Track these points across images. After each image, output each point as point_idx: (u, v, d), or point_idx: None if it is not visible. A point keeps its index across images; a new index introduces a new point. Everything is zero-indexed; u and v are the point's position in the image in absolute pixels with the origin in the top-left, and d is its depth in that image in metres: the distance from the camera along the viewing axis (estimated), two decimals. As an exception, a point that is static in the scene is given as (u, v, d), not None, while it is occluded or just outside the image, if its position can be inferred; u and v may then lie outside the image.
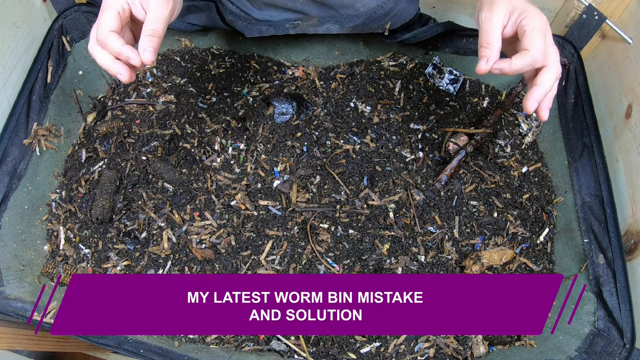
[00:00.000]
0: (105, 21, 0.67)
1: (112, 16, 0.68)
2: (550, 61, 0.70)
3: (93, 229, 0.96)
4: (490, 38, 0.70)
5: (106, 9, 0.68)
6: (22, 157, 0.97)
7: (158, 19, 0.69)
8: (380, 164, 1.02)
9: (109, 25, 0.67)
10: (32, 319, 0.83)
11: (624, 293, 0.84)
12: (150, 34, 0.69)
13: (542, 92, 0.69)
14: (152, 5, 0.69)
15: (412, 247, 0.93)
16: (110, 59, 0.69)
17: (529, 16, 0.69)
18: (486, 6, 0.72)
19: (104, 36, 0.67)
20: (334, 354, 0.85)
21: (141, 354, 0.80)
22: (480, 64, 0.70)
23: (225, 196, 0.98)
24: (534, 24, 0.69)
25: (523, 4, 0.71)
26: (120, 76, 0.69)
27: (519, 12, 0.70)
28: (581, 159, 0.98)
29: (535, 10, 0.71)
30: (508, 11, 0.71)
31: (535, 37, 0.68)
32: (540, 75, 0.70)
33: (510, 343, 0.90)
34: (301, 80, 1.15)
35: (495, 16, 0.70)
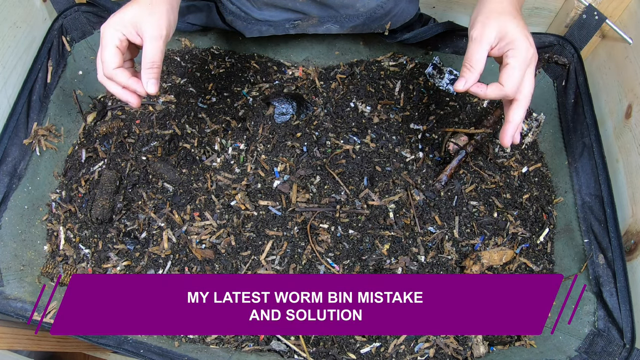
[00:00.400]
0: (108, 59, 0.73)
1: (113, 53, 0.73)
2: (522, 96, 0.74)
3: (93, 229, 0.96)
4: (474, 62, 0.73)
5: (105, 46, 0.73)
6: (22, 157, 0.97)
7: (154, 52, 0.73)
8: (380, 164, 1.02)
9: (112, 63, 0.73)
10: (32, 319, 0.83)
11: (624, 293, 0.84)
12: (149, 67, 0.73)
13: (514, 128, 0.76)
14: (147, 33, 0.73)
15: (412, 247, 0.93)
16: (120, 89, 0.75)
17: (515, 48, 0.71)
18: (479, 25, 0.74)
19: (110, 73, 0.73)
20: (334, 354, 0.85)
21: (141, 354, 0.80)
22: (458, 83, 0.74)
23: (225, 196, 0.98)
24: (519, 58, 0.71)
25: (514, 32, 0.72)
26: (131, 103, 0.76)
27: (507, 40, 0.72)
28: (581, 159, 0.98)
29: (523, 41, 0.71)
30: (498, 36, 0.72)
31: (513, 74, 0.71)
32: (511, 111, 0.75)
33: (510, 343, 0.90)
34: (301, 80, 1.15)
35: (485, 39, 0.72)
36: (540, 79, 1.11)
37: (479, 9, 0.77)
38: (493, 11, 0.74)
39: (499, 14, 0.73)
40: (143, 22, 0.73)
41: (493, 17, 0.73)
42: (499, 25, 0.72)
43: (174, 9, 0.79)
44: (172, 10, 0.78)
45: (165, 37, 0.75)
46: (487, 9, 0.75)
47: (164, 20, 0.74)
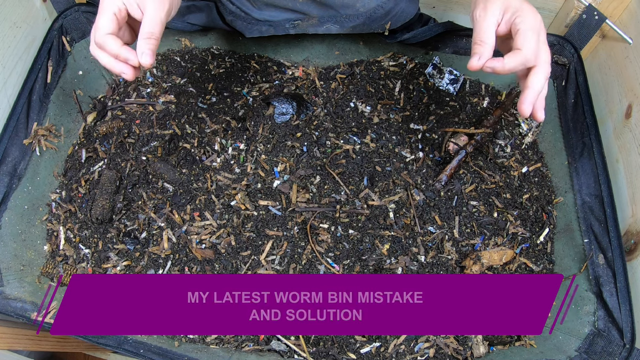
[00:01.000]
0: (102, 24, 0.69)
1: (109, 19, 0.69)
2: (541, 61, 0.70)
3: (93, 229, 0.96)
4: (484, 35, 0.70)
5: (102, 11, 0.69)
6: (22, 157, 0.97)
7: (155, 21, 0.70)
8: (380, 164, 1.02)
9: (105, 28, 0.69)
10: (35, 320, 0.83)
11: (624, 293, 0.84)
12: (147, 37, 0.69)
13: (534, 94, 0.70)
14: (149, 6, 0.70)
15: (412, 247, 0.93)
16: (112, 59, 0.70)
17: (522, 15, 0.69)
18: (481, 4, 0.72)
19: (102, 39, 0.69)
20: (334, 354, 0.85)
21: (141, 354, 0.80)
22: (472, 60, 0.70)
23: (225, 196, 0.98)
24: (528, 23, 0.69)
25: (518, 2, 0.71)
26: (124, 75, 0.71)
27: (513, 10, 0.70)
28: (581, 159, 0.98)
29: (529, 8, 0.70)
30: (502, 9, 0.71)
31: (528, 36, 0.68)
32: (531, 77, 0.70)
33: (510, 343, 0.90)
34: (301, 80, 1.15)
35: (490, 13, 0.70)
36: (540, 79, 1.11)
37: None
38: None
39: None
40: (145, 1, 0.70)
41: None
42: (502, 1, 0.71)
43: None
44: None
45: (167, 12, 0.72)
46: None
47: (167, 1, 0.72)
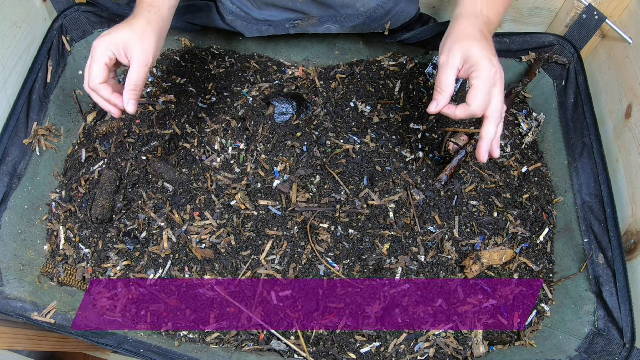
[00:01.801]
0: (95, 74, 0.78)
1: (101, 68, 0.78)
2: (491, 112, 0.77)
3: (93, 229, 0.96)
4: (443, 85, 0.78)
5: (95, 61, 0.78)
6: (22, 157, 0.97)
7: (139, 76, 0.79)
8: (380, 164, 1.02)
9: (98, 79, 0.78)
10: (33, 319, 0.83)
11: (624, 293, 0.84)
12: (132, 89, 0.79)
13: (488, 143, 0.78)
14: (135, 57, 0.79)
15: (412, 247, 0.93)
16: (103, 100, 0.81)
17: (478, 70, 0.75)
18: (446, 50, 0.79)
19: (95, 87, 0.79)
20: (334, 354, 0.85)
21: (141, 354, 0.80)
22: (431, 106, 0.79)
23: (225, 196, 0.98)
24: (481, 80, 0.75)
25: (478, 54, 0.75)
26: (112, 113, 0.83)
27: (471, 62, 0.76)
28: (581, 159, 0.98)
29: (487, 64, 0.75)
30: (462, 59, 0.77)
31: (477, 94, 0.75)
32: (484, 128, 0.78)
33: (510, 343, 0.90)
34: (301, 80, 1.15)
35: (451, 63, 0.77)
36: (540, 79, 1.11)
37: (447, 34, 0.82)
38: (459, 36, 0.79)
39: (464, 39, 0.77)
40: (133, 48, 0.79)
41: (458, 43, 0.77)
42: (463, 50, 0.76)
43: (162, 37, 0.85)
44: (160, 40, 0.84)
45: (150, 65, 0.81)
46: (454, 35, 0.79)
47: (152, 50, 0.80)
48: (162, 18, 0.84)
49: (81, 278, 0.93)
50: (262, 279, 0.91)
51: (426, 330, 0.88)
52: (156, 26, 0.82)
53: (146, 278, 0.92)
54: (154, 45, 0.80)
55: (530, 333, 0.90)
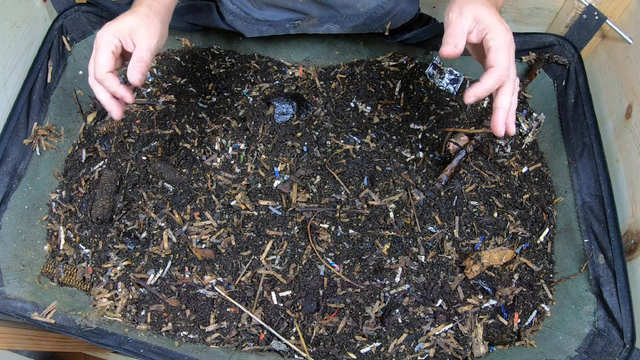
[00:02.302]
0: (102, 62, 0.75)
1: (107, 57, 0.75)
2: (510, 79, 0.73)
3: (93, 229, 0.96)
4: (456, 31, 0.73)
5: (100, 48, 0.75)
6: (22, 157, 0.97)
7: (145, 49, 0.77)
8: (380, 164, 1.02)
9: (105, 67, 0.75)
10: (33, 319, 0.83)
11: (624, 293, 0.84)
12: (137, 61, 0.76)
13: (504, 114, 0.74)
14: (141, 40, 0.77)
15: (412, 247, 0.93)
16: (108, 96, 0.77)
17: (493, 32, 0.72)
18: (456, 10, 0.76)
19: (102, 77, 0.75)
20: (334, 354, 0.85)
21: (141, 354, 0.80)
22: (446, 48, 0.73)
23: (225, 196, 0.98)
24: (499, 40, 0.72)
25: (489, 18, 0.73)
26: (113, 113, 0.78)
27: (484, 24, 0.73)
28: (581, 159, 0.98)
29: (500, 25, 0.73)
30: (474, 19, 0.74)
31: (500, 54, 0.72)
32: (500, 97, 0.74)
33: (510, 343, 0.90)
34: (301, 80, 1.15)
35: (463, 21, 0.74)
36: (540, 79, 1.11)
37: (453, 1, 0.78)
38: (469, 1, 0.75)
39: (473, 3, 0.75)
40: (139, 32, 0.77)
41: (468, 5, 0.75)
42: (474, 11, 0.74)
43: (165, 24, 0.83)
44: (163, 27, 0.82)
45: (154, 51, 0.79)
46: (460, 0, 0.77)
47: (157, 33, 0.79)
48: (163, 5, 0.82)
49: (81, 278, 0.93)
50: (262, 279, 0.91)
51: (426, 330, 0.88)
52: (158, 13, 0.80)
53: (146, 278, 0.92)
54: (158, 29, 0.79)
55: (530, 333, 0.90)
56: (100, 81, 0.76)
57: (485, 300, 0.90)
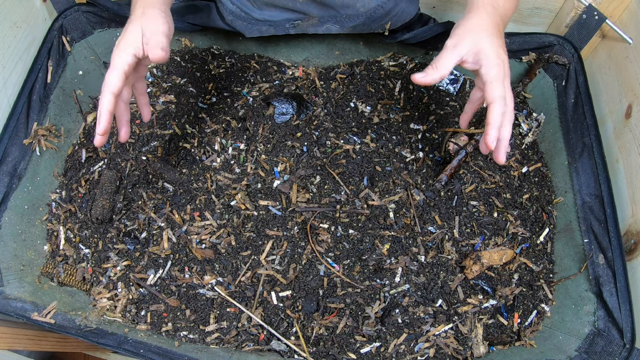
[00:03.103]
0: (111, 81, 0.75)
1: (118, 78, 0.75)
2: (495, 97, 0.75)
3: (93, 229, 0.96)
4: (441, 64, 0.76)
5: (114, 68, 0.75)
6: (22, 157, 0.97)
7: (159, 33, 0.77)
8: (380, 164, 1.02)
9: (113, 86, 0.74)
10: (33, 319, 0.83)
11: (624, 293, 0.84)
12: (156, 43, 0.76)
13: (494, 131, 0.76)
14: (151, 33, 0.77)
15: (412, 247, 0.93)
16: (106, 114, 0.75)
17: (488, 66, 0.75)
18: (456, 36, 0.78)
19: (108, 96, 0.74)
20: (334, 354, 0.85)
21: (141, 354, 0.80)
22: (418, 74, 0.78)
23: (225, 196, 0.98)
24: (492, 75, 0.75)
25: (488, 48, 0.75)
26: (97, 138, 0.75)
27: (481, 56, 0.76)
28: (581, 159, 0.98)
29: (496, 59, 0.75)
30: (472, 52, 0.76)
31: (495, 87, 0.75)
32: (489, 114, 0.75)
33: (510, 343, 0.90)
34: (301, 80, 1.15)
35: (458, 48, 0.76)
36: (540, 79, 1.11)
37: (462, 22, 0.81)
38: (473, 27, 0.78)
39: (478, 31, 0.77)
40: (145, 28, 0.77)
41: (471, 33, 0.77)
42: (473, 42, 0.76)
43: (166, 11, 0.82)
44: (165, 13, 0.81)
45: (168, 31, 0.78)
46: (468, 25, 0.79)
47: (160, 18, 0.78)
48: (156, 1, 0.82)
49: (81, 278, 0.93)
50: (262, 279, 0.91)
51: (426, 330, 0.88)
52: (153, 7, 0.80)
53: (146, 278, 0.92)
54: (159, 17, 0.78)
55: (530, 333, 0.90)
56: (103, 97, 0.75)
57: (485, 300, 0.90)
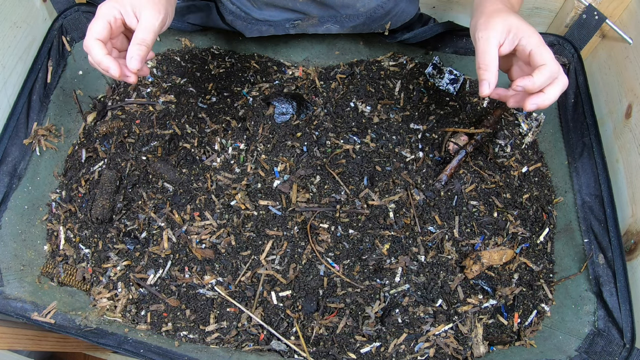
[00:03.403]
0: (94, 29, 0.70)
1: (102, 25, 0.70)
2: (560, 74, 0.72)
3: (93, 229, 0.96)
4: (488, 59, 0.72)
5: (98, 17, 0.71)
6: (22, 157, 0.97)
7: (148, 29, 0.72)
8: (380, 164, 1.02)
9: (96, 33, 0.70)
10: (33, 319, 0.83)
11: (624, 293, 0.84)
12: (139, 43, 0.71)
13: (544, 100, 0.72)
14: (144, 15, 0.72)
15: (412, 247, 0.93)
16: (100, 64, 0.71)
17: (526, 35, 0.71)
18: (482, 25, 0.74)
19: (90, 44, 0.70)
20: (334, 354, 0.85)
21: (141, 354, 0.80)
22: (483, 88, 0.72)
23: (225, 196, 0.98)
24: (535, 42, 0.71)
25: (517, 22, 0.72)
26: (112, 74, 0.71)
27: (515, 30, 0.72)
28: (581, 159, 0.98)
29: (530, 28, 0.72)
30: (505, 30, 0.72)
31: (544, 52, 0.70)
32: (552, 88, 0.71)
33: (510, 343, 0.90)
34: (301, 80, 1.15)
35: (492, 35, 0.72)
36: (540, 79, 1.11)
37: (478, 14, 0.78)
38: (493, 12, 0.75)
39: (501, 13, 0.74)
40: (143, 6, 0.72)
41: (495, 17, 0.74)
42: (503, 21, 0.73)
43: (172, 3, 0.79)
44: (170, 4, 0.78)
45: (161, 21, 0.73)
46: (487, 12, 0.76)
47: (163, 7, 0.74)
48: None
49: (81, 278, 0.93)
50: (262, 279, 0.91)
51: (426, 330, 0.88)
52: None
53: (146, 278, 0.92)
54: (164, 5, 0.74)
55: (530, 333, 0.90)
56: (87, 49, 0.70)
57: (485, 300, 0.90)
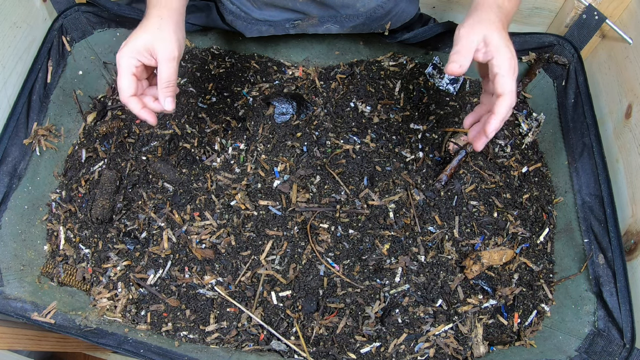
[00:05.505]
0: (123, 87, 0.77)
1: (128, 81, 0.77)
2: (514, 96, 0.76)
3: (93, 229, 0.96)
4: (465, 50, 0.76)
5: (121, 73, 0.77)
6: (22, 157, 0.97)
7: (169, 72, 0.77)
8: (380, 164, 1.02)
9: (127, 91, 0.77)
10: (33, 319, 0.83)
11: (624, 293, 0.84)
12: (165, 87, 0.77)
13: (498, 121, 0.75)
14: (160, 51, 0.77)
15: (412, 247, 0.93)
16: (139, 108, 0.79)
17: (499, 57, 0.74)
18: (468, 25, 0.78)
19: (125, 101, 0.78)
20: (334, 354, 0.85)
21: (141, 354, 0.80)
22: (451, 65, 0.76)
23: (225, 196, 0.98)
24: (505, 68, 0.74)
25: (498, 41, 0.75)
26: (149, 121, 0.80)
27: (492, 47, 0.75)
28: (581, 159, 0.98)
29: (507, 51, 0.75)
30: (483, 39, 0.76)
31: (507, 81, 0.74)
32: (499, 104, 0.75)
33: (510, 343, 0.90)
34: (301, 80, 1.15)
35: (472, 37, 0.76)
36: (540, 79, 1.11)
37: (469, 16, 0.81)
38: (481, 20, 0.78)
39: (487, 23, 0.77)
40: (155, 47, 0.77)
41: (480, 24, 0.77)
42: (485, 32, 0.76)
43: (180, 27, 0.82)
44: (179, 29, 0.81)
45: (177, 57, 0.79)
46: (476, 17, 0.79)
47: (175, 41, 0.78)
48: (173, 9, 0.82)
49: (81, 278, 0.93)
50: (262, 279, 0.91)
51: (426, 330, 0.88)
52: (169, 19, 0.80)
53: (146, 278, 0.92)
54: (174, 37, 0.78)
55: (530, 333, 0.90)
56: (125, 104, 0.78)
57: (485, 300, 0.90)
